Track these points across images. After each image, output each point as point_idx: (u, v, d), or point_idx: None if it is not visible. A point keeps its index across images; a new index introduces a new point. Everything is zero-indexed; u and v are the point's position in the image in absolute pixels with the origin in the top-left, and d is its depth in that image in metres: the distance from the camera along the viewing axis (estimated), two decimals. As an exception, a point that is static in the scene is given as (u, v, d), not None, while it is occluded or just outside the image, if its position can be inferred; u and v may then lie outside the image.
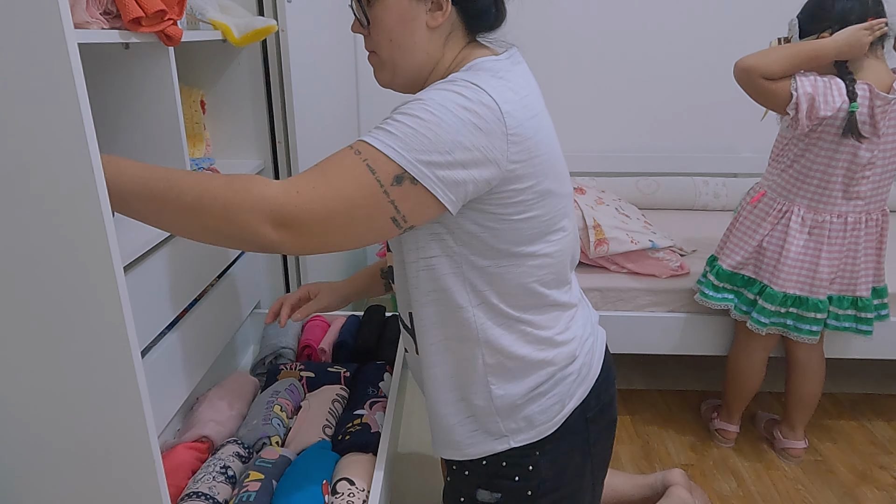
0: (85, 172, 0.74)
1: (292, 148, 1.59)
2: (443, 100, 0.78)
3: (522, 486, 0.97)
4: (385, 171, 0.76)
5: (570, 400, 0.97)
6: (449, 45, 0.90)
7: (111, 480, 0.91)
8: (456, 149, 0.77)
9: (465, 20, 0.90)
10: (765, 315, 1.65)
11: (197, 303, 1.28)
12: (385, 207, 0.77)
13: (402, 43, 0.88)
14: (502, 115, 0.79)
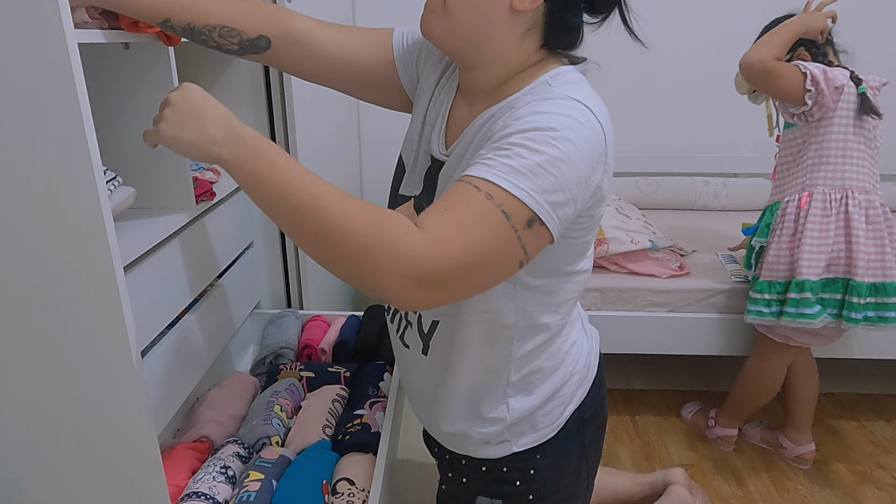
0: (85, 172, 0.75)
1: (292, 148, 1.59)
2: (565, 130, 0.71)
3: (524, 491, 0.96)
4: (518, 216, 0.69)
5: (571, 402, 0.97)
6: (525, 41, 0.81)
7: (111, 480, 0.91)
8: (576, 186, 0.72)
9: (547, 25, 0.81)
10: (855, 310, 1.57)
11: (197, 303, 1.28)
12: (516, 252, 0.71)
13: (478, 9, 0.78)
14: (605, 144, 0.75)
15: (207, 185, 1.26)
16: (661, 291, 1.85)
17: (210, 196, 1.25)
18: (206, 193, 1.23)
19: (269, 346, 1.47)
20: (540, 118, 0.72)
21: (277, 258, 1.73)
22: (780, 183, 1.69)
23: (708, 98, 2.52)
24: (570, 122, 0.71)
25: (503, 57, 0.81)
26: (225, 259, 1.42)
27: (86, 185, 0.75)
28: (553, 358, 0.93)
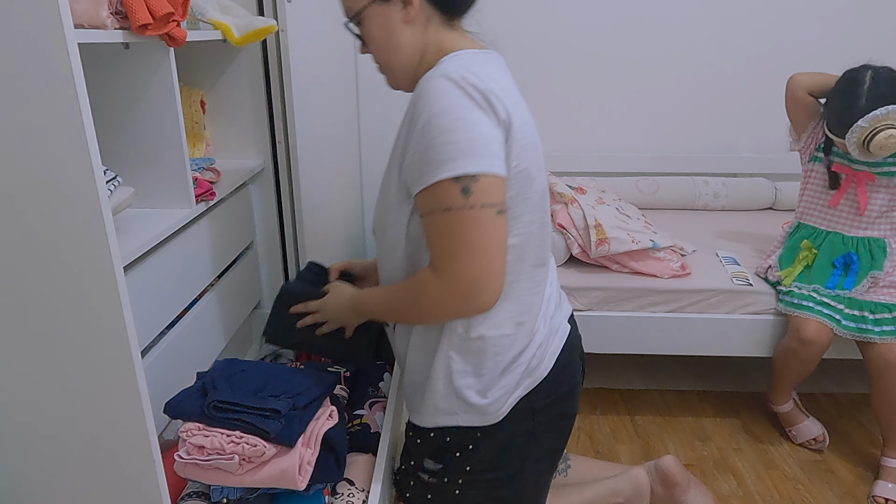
0: (85, 172, 0.74)
1: (292, 148, 1.59)
2: (456, 106, 0.86)
3: (462, 462, 1.06)
4: (452, 196, 0.86)
5: (516, 390, 1.04)
6: (430, 32, 0.98)
7: (111, 479, 0.91)
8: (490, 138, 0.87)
9: (437, 6, 0.97)
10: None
11: (197, 303, 1.28)
12: (481, 215, 0.87)
13: (390, 45, 0.98)
14: (497, 95, 0.88)
15: (207, 185, 1.26)
16: (661, 291, 1.85)
17: (210, 196, 1.25)
18: (206, 193, 1.23)
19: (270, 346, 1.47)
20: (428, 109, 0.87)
21: (277, 258, 1.73)
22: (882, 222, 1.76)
23: (708, 98, 2.52)
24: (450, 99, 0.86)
25: (423, 54, 0.99)
26: (225, 259, 1.42)
27: (86, 185, 0.75)
28: (494, 329, 1.00)
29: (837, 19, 2.40)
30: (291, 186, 1.64)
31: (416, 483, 1.12)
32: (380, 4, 0.96)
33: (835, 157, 1.75)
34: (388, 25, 0.97)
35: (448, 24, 1.00)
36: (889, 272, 1.73)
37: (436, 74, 0.89)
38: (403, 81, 1.03)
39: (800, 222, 1.87)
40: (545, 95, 2.51)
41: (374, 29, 0.98)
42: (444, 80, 0.87)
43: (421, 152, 0.88)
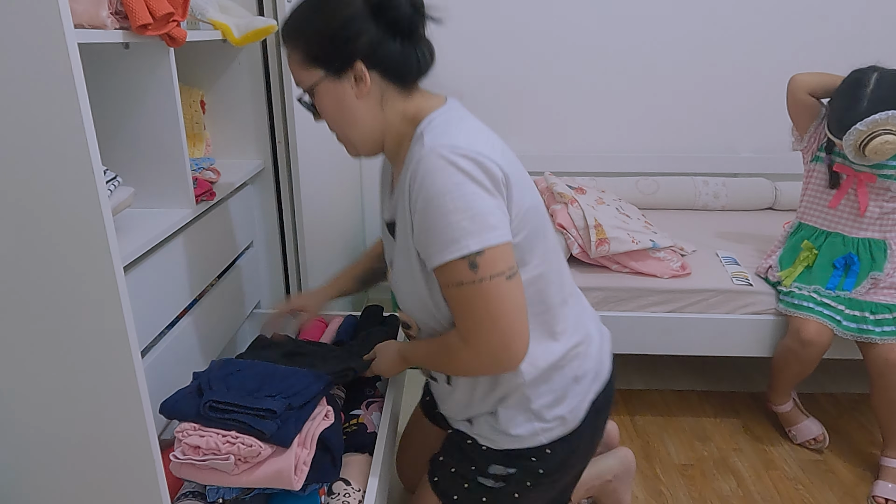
0: (85, 172, 0.75)
1: (292, 148, 1.59)
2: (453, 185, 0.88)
3: (536, 465, 1.08)
4: (462, 272, 0.90)
5: (588, 394, 1.10)
6: (388, 105, 0.99)
7: (111, 479, 0.91)
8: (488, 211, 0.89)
9: (391, 79, 0.97)
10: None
11: (197, 303, 1.28)
12: (495, 283, 0.90)
13: (345, 119, 0.99)
14: (493, 159, 0.90)
15: (207, 185, 1.26)
16: (661, 291, 1.85)
17: (210, 196, 1.25)
18: (206, 193, 1.23)
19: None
20: (426, 191, 0.89)
21: (277, 258, 1.73)
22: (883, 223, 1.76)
23: (708, 98, 2.52)
24: (445, 179, 0.88)
25: (385, 128, 1.00)
26: (225, 259, 1.42)
27: (86, 185, 0.75)
28: (553, 349, 1.05)
29: (838, 19, 2.40)
30: (291, 186, 1.64)
31: (471, 486, 1.11)
32: (331, 80, 0.96)
33: (837, 158, 1.75)
34: (342, 101, 0.97)
35: (405, 93, 0.99)
36: (890, 273, 1.73)
37: (424, 153, 0.90)
38: (366, 151, 1.04)
39: (801, 222, 1.87)
40: (545, 95, 2.51)
41: (327, 104, 0.99)
42: (435, 157, 0.88)
43: (425, 233, 0.91)
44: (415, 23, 0.96)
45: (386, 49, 0.94)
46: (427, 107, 0.99)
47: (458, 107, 1.02)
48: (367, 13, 0.93)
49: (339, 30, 0.93)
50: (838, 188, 1.76)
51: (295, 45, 0.97)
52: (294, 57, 0.98)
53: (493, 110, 2.51)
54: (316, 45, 0.95)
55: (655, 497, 1.67)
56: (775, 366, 1.83)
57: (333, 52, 0.94)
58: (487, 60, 2.45)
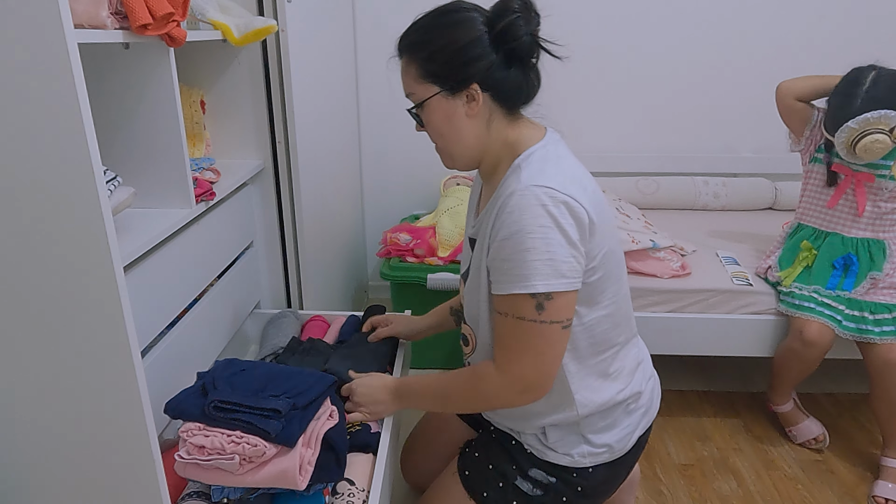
0: (85, 172, 0.75)
1: (292, 148, 1.59)
2: (532, 227, 0.93)
3: (576, 482, 1.11)
4: (528, 309, 0.96)
5: (637, 429, 1.15)
6: (493, 126, 1.04)
7: (111, 479, 0.91)
8: (557, 249, 0.93)
9: (500, 102, 1.03)
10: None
11: (197, 303, 1.28)
12: (548, 329, 0.97)
13: (451, 134, 1.04)
14: (582, 205, 0.95)
15: (207, 185, 1.26)
16: (661, 291, 1.85)
17: (210, 196, 1.25)
18: (206, 193, 1.23)
19: (270, 345, 1.47)
20: (511, 225, 0.95)
21: (277, 258, 1.73)
22: (882, 223, 1.76)
23: (708, 98, 2.52)
24: (532, 219, 0.93)
25: (486, 147, 1.05)
26: (225, 259, 1.42)
27: (86, 185, 0.75)
28: (611, 387, 1.11)
29: (838, 19, 2.40)
30: (291, 186, 1.64)
31: (506, 487, 1.12)
32: (445, 96, 1.01)
33: (835, 158, 1.75)
34: (452, 117, 1.02)
35: (511, 117, 1.05)
36: (889, 274, 1.73)
37: (518, 188, 0.95)
38: (462, 166, 1.09)
39: (800, 223, 1.87)
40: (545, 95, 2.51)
41: (436, 118, 1.03)
42: (529, 195, 0.94)
43: (500, 261, 0.97)
44: (532, 53, 1.01)
45: (501, 74, 1.00)
46: (529, 137, 1.04)
47: (557, 141, 1.06)
48: (488, 39, 0.98)
49: (461, 51, 0.98)
50: (836, 187, 1.77)
51: (413, 58, 1.02)
52: (410, 70, 1.03)
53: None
54: (436, 63, 1.00)
55: (655, 497, 1.67)
56: (776, 366, 1.82)
57: (452, 71, 0.99)
58: (487, 60, 2.45)
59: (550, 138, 1.06)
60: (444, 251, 2.07)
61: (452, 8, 1.02)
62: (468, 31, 0.98)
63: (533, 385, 1.01)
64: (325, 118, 1.90)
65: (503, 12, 0.97)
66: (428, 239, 2.09)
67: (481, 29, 0.98)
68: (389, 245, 2.12)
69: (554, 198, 0.93)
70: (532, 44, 1.00)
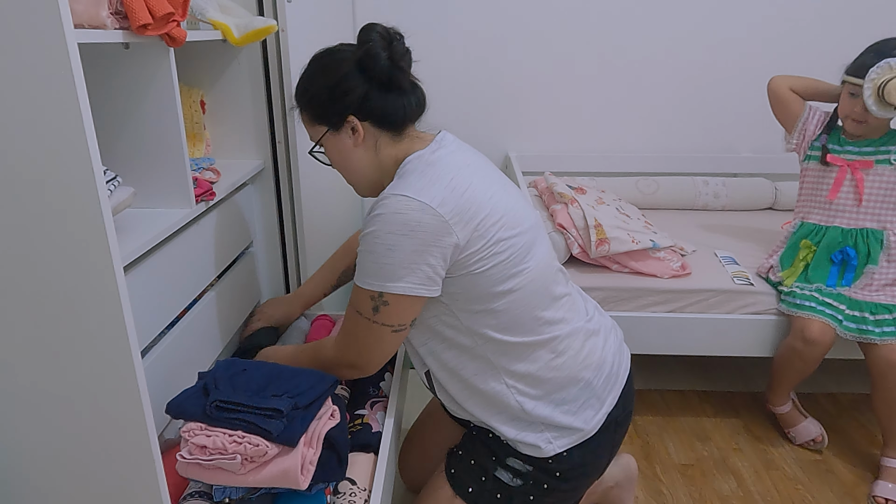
0: (85, 172, 0.74)
1: (292, 148, 1.59)
2: (387, 228, 0.98)
3: (553, 468, 1.12)
4: (364, 305, 1.05)
5: (603, 406, 1.15)
6: (381, 150, 1.11)
7: (111, 480, 0.91)
8: (416, 258, 0.99)
9: (382, 127, 1.10)
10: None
11: (197, 303, 1.28)
12: (379, 331, 1.06)
13: (348, 167, 1.14)
14: (436, 211, 0.98)
15: (207, 185, 1.26)
16: (661, 291, 1.85)
17: (210, 196, 1.25)
18: (206, 193, 1.23)
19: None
20: (367, 226, 1.01)
21: (277, 258, 1.73)
22: (882, 211, 1.75)
23: (708, 98, 2.52)
24: (383, 225, 0.99)
25: (380, 171, 1.13)
26: (225, 259, 1.42)
27: (86, 185, 0.75)
28: (546, 367, 1.11)
29: (838, 19, 2.40)
30: (291, 186, 1.64)
31: (488, 479, 1.14)
32: (332, 134, 1.11)
33: (830, 146, 1.76)
34: (343, 151, 1.12)
35: (398, 137, 1.11)
36: (885, 268, 1.73)
37: (382, 197, 1.02)
38: (368, 193, 1.17)
39: (802, 222, 1.87)
40: (545, 95, 2.51)
41: (332, 154, 1.14)
42: (387, 203, 0.99)
43: (359, 253, 1.04)
44: (394, 75, 1.07)
45: (373, 101, 1.07)
46: (412, 150, 1.09)
47: (436, 149, 1.08)
48: (355, 70, 1.06)
49: (334, 89, 1.07)
50: (834, 180, 1.77)
51: (302, 106, 1.14)
52: (304, 116, 1.14)
53: (494, 111, 2.51)
54: (317, 105, 1.10)
55: (655, 497, 1.67)
56: (776, 366, 1.82)
57: (331, 109, 1.09)
58: (488, 60, 2.45)
59: (436, 143, 1.10)
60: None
61: (328, 52, 1.12)
62: (337, 69, 1.07)
63: (357, 366, 1.13)
64: (325, 118, 1.90)
65: (361, 44, 1.06)
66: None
67: (349, 63, 1.07)
68: (389, 245, 2.11)
69: (407, 205, 0.98)
70: (391, 67, 1.06)
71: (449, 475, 1.19)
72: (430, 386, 1.24)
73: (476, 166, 1.09)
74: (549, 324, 1.12)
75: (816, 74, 1.83)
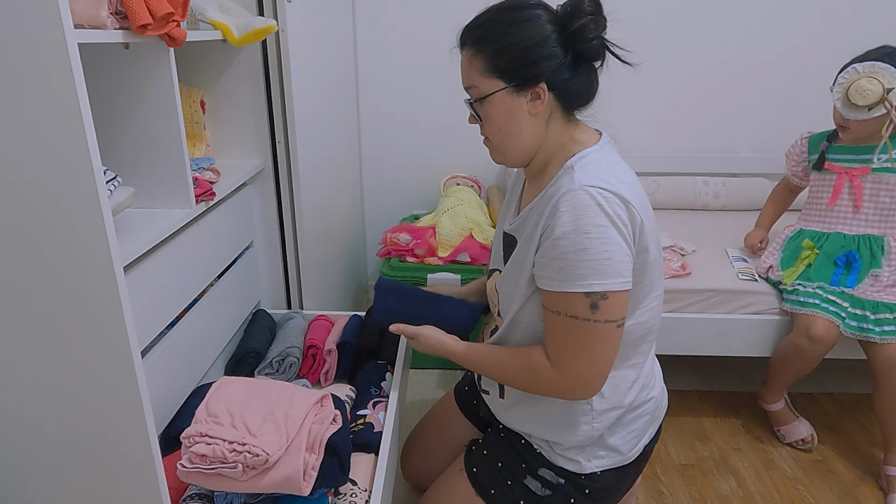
0: (85, 172, 0.74)
1: (292, 148, 1.59)
2: (594, 226, 0.92)
3: (585, 484, 1.11)
4: (582, 307, 0.95)
5: (644, 436, 1.15)
6: (551, 126, 1.03)
7: (111, 480, 0.91)
8: (620, 258, 0.94)
9: (562, 103, 1.02)
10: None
11: (197, 303, 1.28)
12: (603, 328, 0.96)
13: (510, 130, 1.02)
14: (633, 207, 0.95)
15: (207, 185, 1.26)
16: (661, 291, 1.85)
17: (210, 196, 1.25)
18: (206, 193, 1.23)
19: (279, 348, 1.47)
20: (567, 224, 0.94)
21: (277, 258, 1.73)
22: (882, 219, 1.77)
23: (708, 98, 2.52)
24: (588, 218, 0.92)
25: (541, 146, 1.04)
26: (225, 259, 1.42)
27: (86, 185, 0.75)
28: (635, 390, 1.11)
29: (837, 19, 2.40)
30: (291, 186, 1.64)
31: (514, 485, 1.13)
32: (510, 93, 0.99)
33: (830, 154, 1.77)
34: (514, 113, 1.00)
35: (567, 118, 1.04)
36: (888, 270, 1.73)
37: (574, 187, 0.94)
38: (513, 163, 1.07)
39: (801, 229, 1.88)
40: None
41: (497, 113, 1.01)
42: (584, 194, 0.93)
43: (553, 260, 0.96)
44: (599, 56, 1.02)
45: (568, 75, 0.99)
46: (583, 140, 1.04)
47: (611, 147, 1.06)
48: (558, 38, 0.98)
49: (532, 49, 0.96)
50: (833, 188, 1.78)
51: (480, 51, 0.99)
52: (476, 63, 1.00)
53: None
54: (505, 58, 0.98)
55: (655, 497, 1.67)
56: (775, 363, 1.82)
57: (521, 69, 0.97)
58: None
59: (604, 142, 1.06)
60: (444, 251, 2.07)
61: (522, 4, 1.00)
62: (539, 28, 0.97)
63: (585, 382, 1.00)
64: (325, 118, 1.90)
65: (576, 13, 0.97)
66: (428, 239, 2.09)
67: (550, 28, 0.97)
68: (389, 245, 2.12)
69: (608, 198, 0.93)
70: (601, 47, 1.01)
71: (470, 473, 1.18)
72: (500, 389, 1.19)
73: None
74: (648, 350, 1.14)
75: (815, 74, 1.84)
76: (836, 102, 1.67)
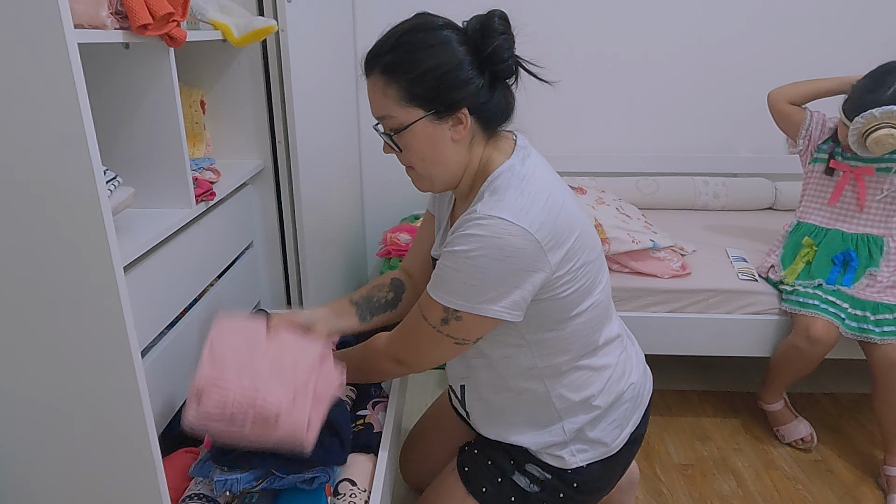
0: (85, 172, 0.74)
1: (292, 148, 1.59)
2: (479, 256, 0.92)
3: (572, 478, 1.12)
4: (433, 316, 0.99)
5: (628, 425, 1.15)
6: (473, 147, 1.02)
7: (110, 480, 0.91)
8: (502, 284, 0.93)
9: (482, 124, 1.01)
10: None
11: (197, 303, 1.28)
12: (444, 341, 1.01)
13: (435, 159, 1.00)
14: (535, 237, 0.92)
15: (207, 185, 1.26)
16: (662, 291, 1.85)
17: (210, 196, 1.25)
18: (206, 193, 1.23)
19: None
20: (459, 244, 0.94)
21: (277, 258, 1.73)
22: (882, 218, 1.77)
23: (708, 98, 2.52)
24: (477, 245, 0.92)
25: (465, 167, 1.03)
26: (225, 259, 1.42)
27: (86, 185, 0.75)
28: (594, 386, 1.11)
29: (837, 19, 2.40)
30: (291, 186, 1.64)
31: (504, 481, 1.14)
32: (431, 120, 0.96)
33: (837, 155, 1.76)
34: (437, 142, 0.98)
35: (487, 136, 1.03)
36: (886, 270, 1.74)
37: (476, 216, 0.93)
38: (440, 189, 1.07)
39: (799, 221, 1.87)
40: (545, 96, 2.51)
41: (420, 143, 0.98)
42: (485, 223, 0.92)
43: (439, 266, 0.98)
44: (514, 73, 1.00)
45: (486, 97, 0.98)
46: (498, 155, 1.02)
47: (524, 157, 1.02)
48: (473, 61, 0.95)
49: (449, 74, 0.93)
50: (836, 184, 1.78)
51: (394, 79, 0.95)
52: (390, 91, 0.96)
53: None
54: (422, 86, 0.94)
55: (655, 497, 1.67)
56: (775, 363, 1.82)
57: (441, 95, 0.94)
58: (487, 60, 2.44)
59: (517, 154, 1.02)
60: (444, 251, 2.07)
61: (429, 25, 0.96)
62: (453, 52, 0.94)
63: (405, 363, 1.10)
64: (325, 118, 1.90)
65: (487, 33, 0.94)
66: (428, 239, 2.09)
67: (463, 50, 0.94)
68: (389, 245, 2.11)
69: (507, 230, 0.91)
70: (515, 65, 0.99)
71: (462, 472, 1.18)
72: (461, 398, 1.22)
73: (558, 179, 1.04)
74: (606, 344, 1.13)
75: (816, 74, 1.83)
76: (851, 144, 1.66)
